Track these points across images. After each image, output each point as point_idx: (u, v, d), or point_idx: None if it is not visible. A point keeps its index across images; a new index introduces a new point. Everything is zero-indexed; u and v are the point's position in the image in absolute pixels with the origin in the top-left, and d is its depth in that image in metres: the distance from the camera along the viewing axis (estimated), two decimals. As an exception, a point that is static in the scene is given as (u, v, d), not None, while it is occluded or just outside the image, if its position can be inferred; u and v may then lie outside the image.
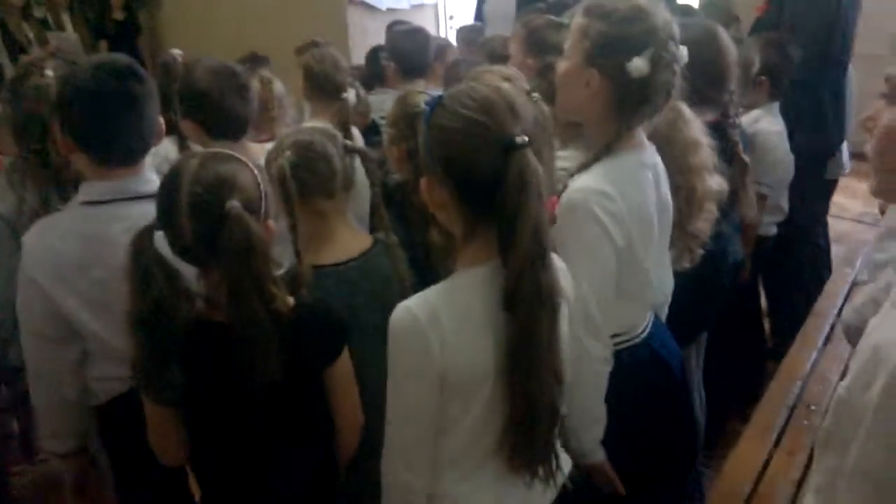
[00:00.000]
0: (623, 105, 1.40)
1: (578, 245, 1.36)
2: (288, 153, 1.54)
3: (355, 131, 2.75)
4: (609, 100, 1.40)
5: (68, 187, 1.83)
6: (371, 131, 3.10)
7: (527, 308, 1.07)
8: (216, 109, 1.97)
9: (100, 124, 1.48)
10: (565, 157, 1.84)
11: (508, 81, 1.85)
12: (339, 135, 1.71)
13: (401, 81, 3.03)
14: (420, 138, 1.18)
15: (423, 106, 1.88)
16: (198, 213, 1.20)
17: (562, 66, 1.47)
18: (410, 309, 1.12)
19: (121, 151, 1.52)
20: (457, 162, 1.10)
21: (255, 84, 2.70)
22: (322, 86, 2.61)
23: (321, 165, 1.57)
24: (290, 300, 1.28)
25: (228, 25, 5.90)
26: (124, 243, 1.25)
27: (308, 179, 1.54)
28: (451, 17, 6.53)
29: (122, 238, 1.27)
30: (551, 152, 1.70)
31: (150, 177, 1.56)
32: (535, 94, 1.81)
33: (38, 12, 6.00)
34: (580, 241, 1.36)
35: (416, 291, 1.19)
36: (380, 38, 5.08)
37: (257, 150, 2.07)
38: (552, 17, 2.44)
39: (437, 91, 2.97)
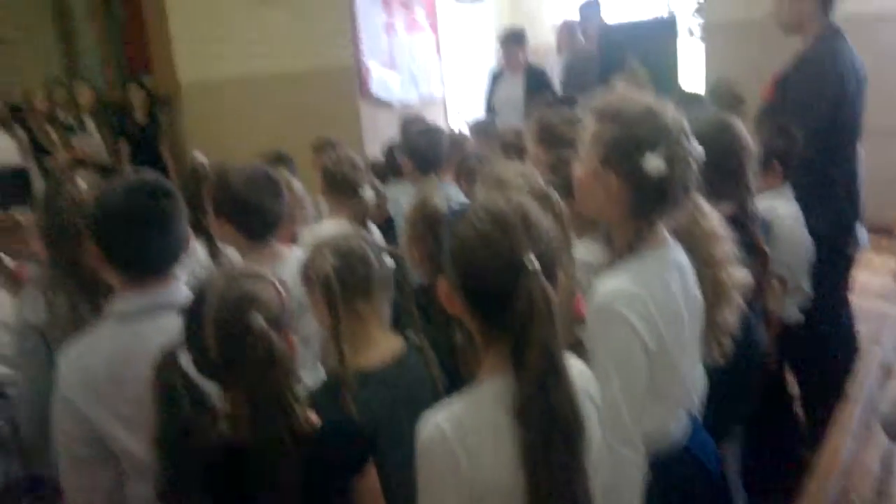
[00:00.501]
0: (643, 204, 1.42)
1: (608, 349, 1.36)
2: (330, 257, 1.57)
3: (374, 227, 2.80)
4: (628, 200, 1.42)
5: (98, 296, 1.87)
6: (387, 224, 3.17)
7: (538, 427, 1.07)
8: (253, 211, 2.04)
9: (133, 242, 1.52)
10: (583, 248, 1.86)
11: (523, 177, 1.90)
12: (371, 236, 1.74)
13: (416, 176, 3.11)
14: (443, 243, 1.20)
15: (439, 208, 1.93)
16: (222, 332, 1.21)
17: (578, 170, 1.50)
18: (438, 424, 1.12)
19: (153, 265, 1.56)
20: (470, 274, 1.13)
21: (281, 183, 2.79)
22: (340, 185, 2.70)
23: (360, 268, 1.61)
24: (313, 417, 1.28)
25: (245, 124, 6.08)
26: (154, 354, 1.26)
27: (350, 282, 1.57)
28: (459, 108, 6.70)
29: (153, 349, 1.29)
30: (570, 256, 1.72)
31: (181, 286, 1.59)
32: (552, 191, 1.85)
33: (63, 116, 6.21)
34: (609, 344, 1.36)
35: (446, 393, 1.18)
36: (391, 130, 5.24)
37: (285, 252, 2.12)
38: (564, 113, 2.50)
39: (450, 185, 3.05)
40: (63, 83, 6.49)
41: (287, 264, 2.02)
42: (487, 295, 1.12)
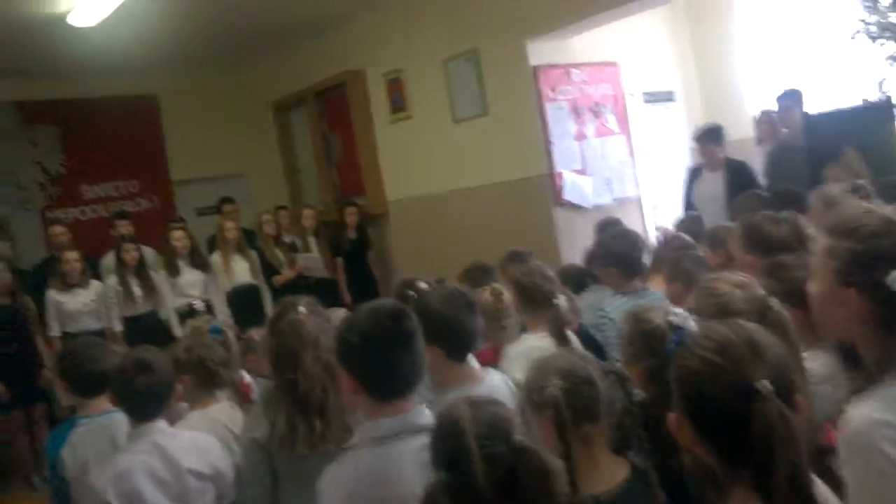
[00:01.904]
0: (890, 322, 1.30)
1: (862, 483, 1.23)
2: (556, 380, 1.58)
3: (574, 338, 2.79)
4: (873, 318, 1.31)
5: (313, 417, 2.01)
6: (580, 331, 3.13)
7: None
8: (452, 331, 2.08)
9: (383, 365, 1.62)
10: (811, 358, 1.73)
11: (741, 289, 1.82)
12: (592, 357, 1.73)
13: (620, 282, 3.05)
14: (670, 373, 1.18)
15: (657, 323, 1.90)
16: (490, 455, 1.23)
17: (813, 288, 1.43)
18: None
19: (400, 387, 1.64)
20: (700, 406, 1.09)
21: (486, 295, 2.89)
22: (533, 297, 2.72)
23: (586, 390, 1.60)
24: None
25: (447, 233, 6.41)
26: (413, 478, 1.33)
27: (577, 405, 1.57)
28: (655, 207, 6.59)
29: (412, 474, 1.37)
30: (802, 373, 1.60)
31: (424, 409, 1.66)
32: (773, 300, 1.75)
33: (288, 238, 6.91)
34: (866, 477, 1.23)
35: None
36: (585, 235, 5.26)
37: (479, 374, 2.17)
38: (773, 214, 2.39)
39: (657, 293, 2.99)
40: (288, 208, 7.27)
41: (483, 387, 2.04)
42: (721, 427, 1.07)
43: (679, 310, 1.94)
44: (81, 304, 5.66)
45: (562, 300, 2.72)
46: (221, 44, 7.06)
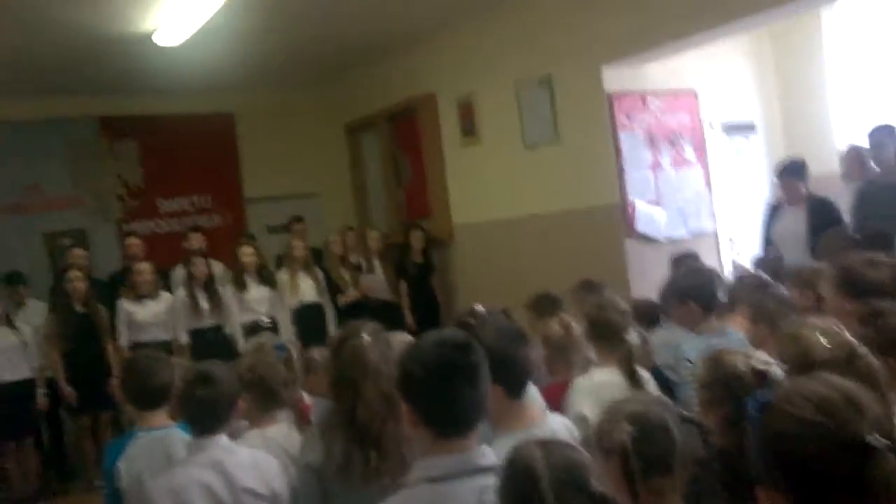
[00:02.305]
0: None
1: None
2: (626, 425, 1.47)
3: (645, 374, 2.66)
4: None
5: (369, 448, 1.96)
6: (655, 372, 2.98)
7: None
8: (508, 367, 1.95)
9: (446, 399, 1.53)
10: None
11: (826, 336, 1.69)
12: (671, 404, 1.61)
13: (696, 320, 2.90)
14: (751, 443, 1.05)
15: (739, 368, 1.77)
16: (567, 502, 1.18)
17: None
18: None
19: (463, 423, 1.55)
20: (800, 473, 0.95)
21: (554, 327, 2.79)
22: (605, 331, 2.62)
23: (662, 439, 1.47)
24: None
25: (513, 259, 6.31)
26: None
27: (649, 455, 1.45)
28: (731, 241, 6.35)
29: None
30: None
31: (487, 450, 1.57)
32: (862, 349, 1.62)
33: (354, 258, 6.94)
34: None
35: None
36: (658, 268, 5.08)
37: (538, 416, 2.05)
38: (869, 255, 2.23)
39: (738, 334, 2.82)
40: (354, 229, 7.31)
41: (542, 431, 1.93)
42: (830, 493, 0.94)
43: (763, 355, 1.81)
44: (151, 315, 5.79)
45: (634, 336, 2.61)
46: (298, 65, 7.21)
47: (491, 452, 1.56)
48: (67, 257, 6.17)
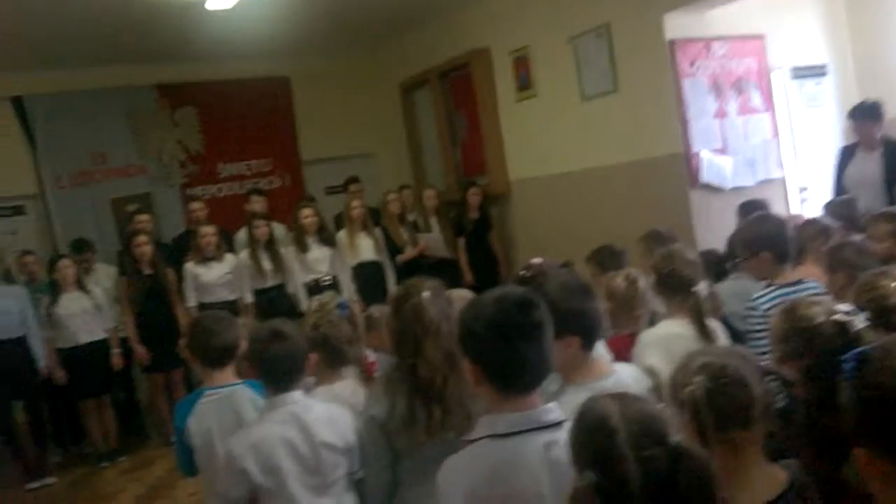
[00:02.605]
0: None
1: None
2: (699, 378, 1.43)
3: (717, 326, 2.60)
4: None
5: (432, 401, 1.97)
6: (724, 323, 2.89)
7: None
8: (574, 317, 1.90)
9: (508, 356, 1.51)
10: None
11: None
12: (753, 356, 1.55)
13: (770, 271, 2.79)
14: (844, 400, 0.99)
15: (819, 319, 1.69)
16: (644, 458, 1.14)
17: None
18: None
19: (526, 380, 1.54)
20: None
21: (619, 281, 2.74)
22: (673, 283, 2.56)
23: (738, 392, 1.43)
24: None
25: (572, 213, 6.22)
26: (537, 476, 1.28)
27: (724, 408, 1.41)
28: (802, 189, 6.12)
29: (536, 471, 1.32)
30: None
31: (552, 406, 1.56)
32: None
33: (411, 217, 6.95)
34: None
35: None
36: (724, 218, 4.93)
37: (605, 369, 2.01)
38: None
39: (813, 282, 2.71)
40: (411, 187, 7.30)
41: (611, 382, 1.89)
42: None
43: (843, 305, 1.74)
44: (216, 277, 5.92)
45: (703, 287, 2.53)
46: (351, 26, 7.15)
47: (557, 408, 1.55)
48: (134, 222, 6.33)
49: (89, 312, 5.60)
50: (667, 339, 2.37)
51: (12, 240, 6.89)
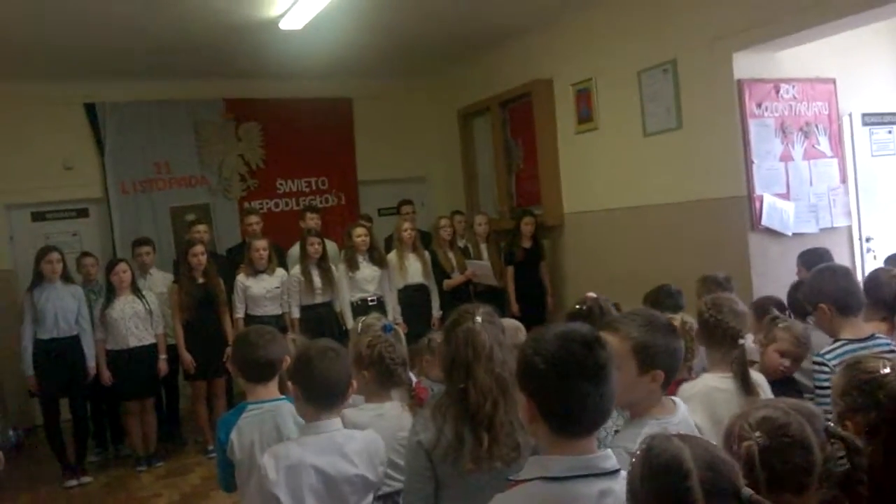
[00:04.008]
0: None
1: None
2: (758, 434, 1.35)
3: (760, 378, 2.49)
4: None
5: (481, 430, 1.93)
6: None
7: None
8: (667, 357, 1.86)
9: (567, 396, 1.44)
10: None
11: None
12: (820, 414, 1.47)
13: (832, 320, 2.67)
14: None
15: (881, 370, 1.60)
16: (717, 502, 1.11)
17: None
18: None
19: (584, 423, 1.46)
20: None
21: (676, 325, 2.64)
22: (718, 334, 2.45)
23: (798, 455, 1.34)
24: None
25: (626, 250, 6.12)
26: None
27: (780, 469, 1.32)
28: (867, 240, 5.89)
29: None
30: None
31: (609, 454, 1.48)
32: None
33: (461, 243, 6.93)
34: None
35: None
36: (784, 264, 4.79)
37: (669, 405, 1.94)
38: None
39: (885, 338, 2.58)
40: (464, 213, 7.29)
41: (677, 418, 1.84)
42: None
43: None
44: (265, 290, 5.99)
45: (749, 340, 2.43)
46: (414, 51, 7.24)
47: (614, 458, 1.47)
48: (191, 232, 6.46)
49: (140, 317, 5.70)
50: (707, 394, 2.27)
51: (73, 241, 7.11)
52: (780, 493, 1.31)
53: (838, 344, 2.56)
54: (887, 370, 1.63)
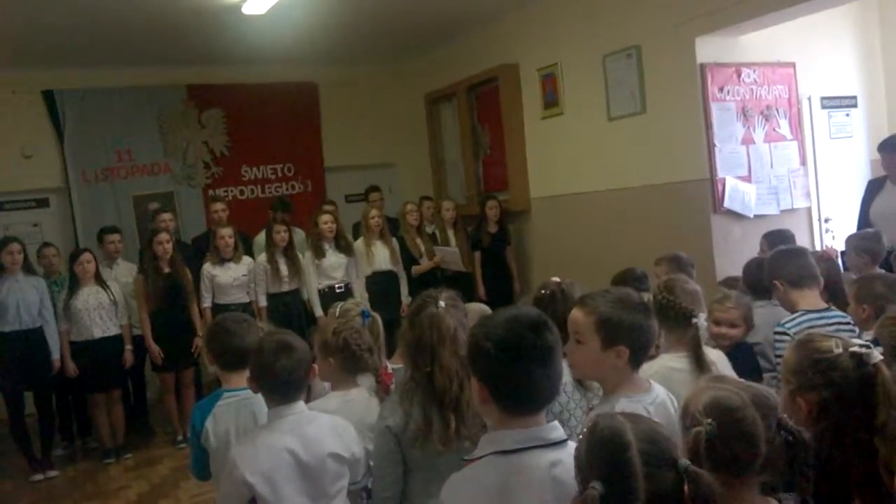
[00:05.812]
0: None
1: None
2: (709, 421, 1.37)
3: (715, 353, 2.55)
4: None
5: (448, 411, 1.96)
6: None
7: None
8: (638, 334, 1.89)
9: (517, 378, 1.50)
10: None
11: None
12: (774, 401, 1.49)
13: (785, 295, 2.76)
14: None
15: (835, 351, 1.65)
16: (653, 475, 1.16)
17: None
18: None
19: (534, 402, 1.53)
20: None
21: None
22: (672, 315, 2.50)
23: (741, 446, 1.37)
24: None
25: (591, 233, 6.18)
26: (541, 493, 1.28)
27: (722, 457, 1.36)
28: (826, 220, 6.03)
29: (540, 488, 1.31)
30: None
31: (556, 425, 1.55)
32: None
33: (429, 228, 6.95)
34: None
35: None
36: (746, 245, 4.89)
37: (644, 384, 1.98)
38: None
39: (840, 313, 2.66)
40: (432, 199, 7.30)
41: (651, 397, 1.88)
42: None
43: (860, 340, 1.69)
44: (232, 279, 5.94)
45: (702, 319, 2.48)
46: (380, 36, 7.19)
47: (560, 428, 1.54)
48: (156, 221, 6.37)
49: (105, 308, 5.63)
50: (663, 374, 2.31)
51: (34, 232, 6.97)
52: (723, 473, 1.34)
53: (798, 314, 2.70)
54: (840, 350, 1.67)
